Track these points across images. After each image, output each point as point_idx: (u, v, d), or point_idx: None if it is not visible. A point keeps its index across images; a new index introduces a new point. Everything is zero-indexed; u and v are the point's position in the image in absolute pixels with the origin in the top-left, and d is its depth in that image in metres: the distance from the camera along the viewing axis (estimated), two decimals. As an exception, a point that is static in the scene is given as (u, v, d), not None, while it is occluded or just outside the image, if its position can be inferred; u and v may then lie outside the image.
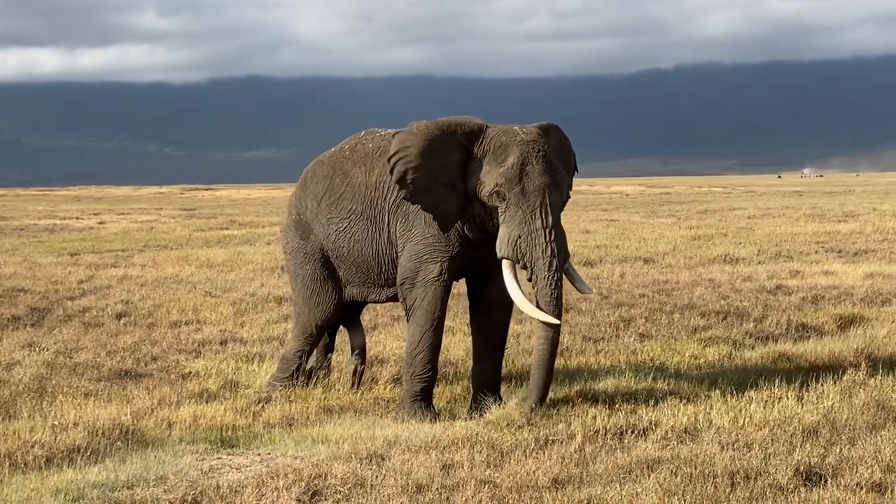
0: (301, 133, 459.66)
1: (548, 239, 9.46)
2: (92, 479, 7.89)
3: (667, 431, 8.51)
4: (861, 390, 9.64)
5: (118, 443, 8.95)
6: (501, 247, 9.62)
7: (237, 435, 9.41)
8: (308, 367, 11.10)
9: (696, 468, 7.48)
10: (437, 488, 7.32)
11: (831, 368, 11.17)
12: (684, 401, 9.58)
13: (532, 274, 9.51)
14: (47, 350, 13.04)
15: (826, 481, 7.28)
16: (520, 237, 9.52)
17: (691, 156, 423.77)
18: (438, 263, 10.02)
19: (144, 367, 12.35)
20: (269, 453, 8.81)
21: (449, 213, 9.87)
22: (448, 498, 7.18)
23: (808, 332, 13.88)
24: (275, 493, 7.31)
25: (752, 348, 12.92)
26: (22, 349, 13.17)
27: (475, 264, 10.20)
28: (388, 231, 10.33)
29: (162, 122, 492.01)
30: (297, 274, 11.03)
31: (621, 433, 8.54)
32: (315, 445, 8.95)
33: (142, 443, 9.05)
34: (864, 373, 10.37)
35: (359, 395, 10.74)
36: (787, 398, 9.42)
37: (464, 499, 7.12)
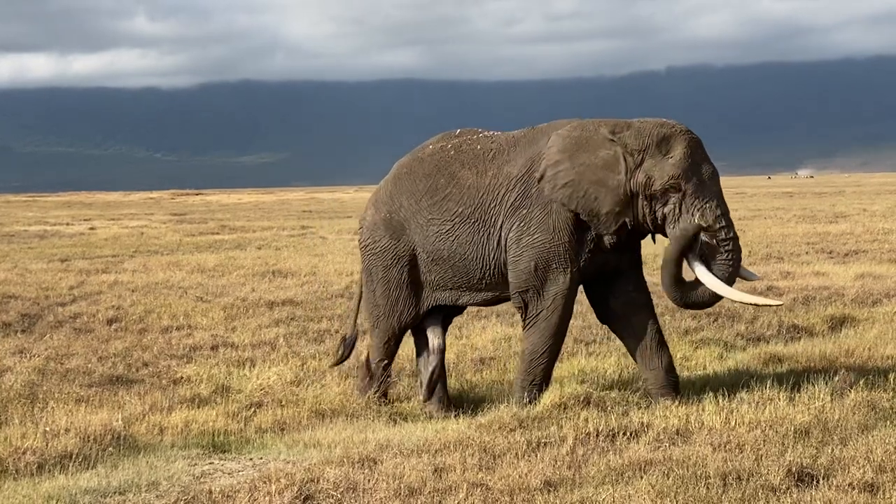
0: (292, 137, 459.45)
1: (727, 224, 9.66)
2: (84, 485, 7.88)
3: (658, 433, 8.51)
4: (852, 391, 9.64)
5: (110, 448, 8.94)
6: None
7: (229, 440, 9.41)
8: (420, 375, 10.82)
9: (688, 470, 7.48)
10: (430, 492, 7.32)
11: (822, 369, 11.18)
12: (676, 402, 9.58)
13: (714, 261, 9.62)
14: (38, 356, 13.01)
15: (818, 482, 7.29)
16: (700, 226, 9.56)
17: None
18: (567, 273, 9.84)
19: (136, 372, 12.34)
20: (261, 458, 8.81)
21: (605, 213, 9.72)
22: (440, 501, 7.18)
23: (799, 332, 13.90)
24: (267, 498, 7.30)
25: (744, 349, 12.93)
26: (13, 355, 13.15)
27: (606, 269, 10.05)
28: (500, 236, 10.05)
29: (153, 127, 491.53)
30: (383, 276, 10.55)
31: (613, 435, 8.53)
32: (307, 450, 8.95)
33: (133, 448, 9.04)
34: (856, 373, 10.37)
35: (350, 398, 10.73)
36: (779, 399, 9.43)
37: (456, 502, 7.12)
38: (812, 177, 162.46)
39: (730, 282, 9.66)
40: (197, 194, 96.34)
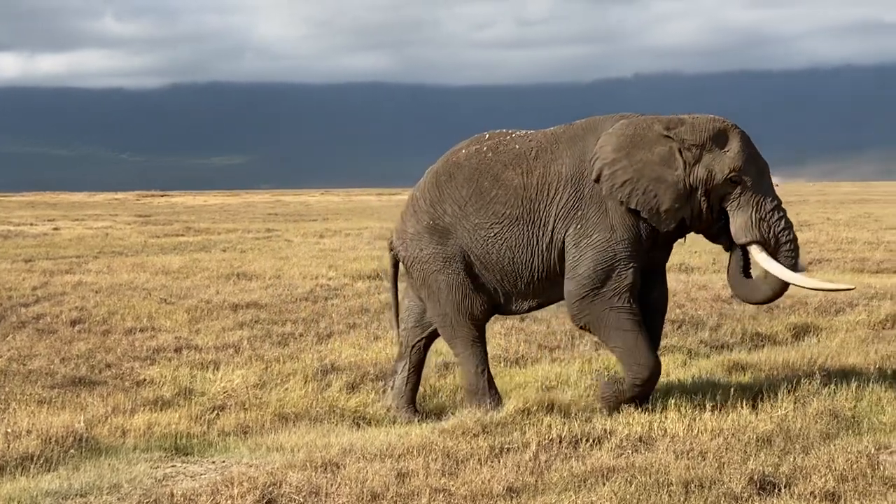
0: (260, 139, 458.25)
1: (783, 215, 9.75)
2: (45, 486, 7.83)
3: (622, 440, 8.53)
4: (815, 399, 9.69)
5: (71, 450, 8.89)
6: (746, 232, 9.67)
7: (192, 443, 9.38)
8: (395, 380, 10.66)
9: (650, 477, 7.50)
10: (392, 496, 7.31)
11: (785, 377, 11.24)
12: (639, 409, 9.60)
13: (778, 251, 9.68)
14: (0, 357, 12.93)
15: (779, 490, 7.33)
16: (762, 219, 9.64)
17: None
18: (631, 270, 9.73)
19: (98, 374, 12.28)
20: (223, 461, 8.78)
21: (665, 209, 9.69)
22: (403, 506, 7.17)
23: (762, 341, 13.96)
24: (229, 502, 7.28)
25: (707, 357, 12.97)
26: (-26, 356, 13.05)
27: (650, 266, 10.04)
28: (552, 236, 9.89)
29: (120, 127, 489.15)
30: (441, 280, 10.17)
31: (576, 442, 8.54)
32: (270, 453, 8.92)
33: (95, 450, 9.00)
34: (818, 382, 10.43)
35: (314, 402, 10.70)
36: (742, 407, 9.47)
37: (419, 507, 7.12)
38: (778, 185, 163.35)
39: (794, 270, 9.76)
40: (162, 195, 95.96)
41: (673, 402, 9.70)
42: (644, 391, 9.78)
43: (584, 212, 9.81)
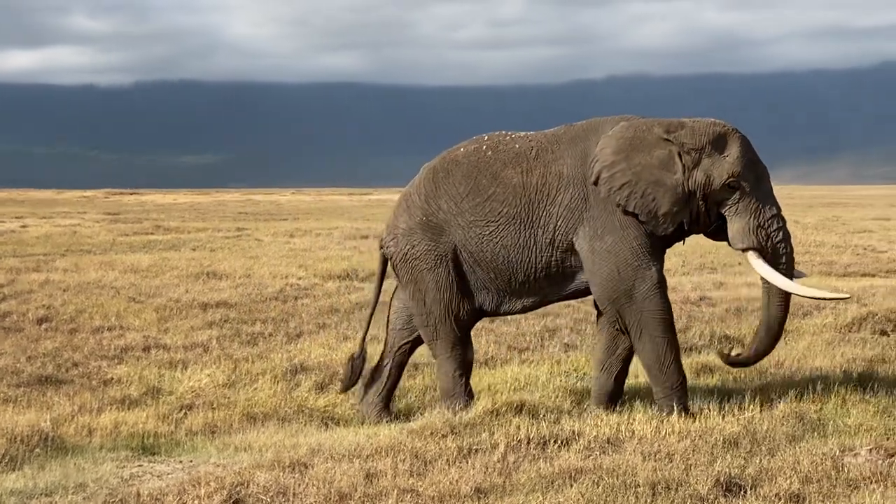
0: (233, 138, 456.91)
1: (783, 223, 9.76)
2: (10, 486, 7.80)
3: (589, 441, 8.54)
4: (781, 402, 9.74)
5: (37, 449, 8.86)
6: (743, 238, 9.66)
7: (159, 442, 9.36)
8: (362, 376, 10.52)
9: (617, 478, 7.52)
10: (360, 497, 7.31)
11: (752, 380, 11.29)
12: (607, 411, 9.63)
13: (776, 259, 9.72)
14: (-33, 355, 12.86)
15: (745, 492, 7.36)
16: (760, 226, 9.63)
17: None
18: (654, 267, 9.66)
19: (65, 373, 12.23)
20: (191, 461, 8.76)
21: (663, 213, 9.66)
22: (370, 507, 7.17)
23: (730, 343, 13.99)
24: (196, 501, 7.26)
25: (676, 359, 12.98)
26: (-59, 354, 12.99)
27: None
28: (553, 237, 9.81)
29: (90, 125, 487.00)
30: (429, 279, 10.07)
31: (544, 443, 8.55)
32: (238, 453, 8.91)
33: (61, 450, 8.96)
34: (785, 384, 10.47)
35: (282, 402, 10.69)
36: (709, 409, 9.50)
37: (386, 508, 7.12)
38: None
39: (794, 276, 9.86)
40: (132, 194, 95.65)
41: (641, 403, 9.73)
42: (675, 395, 9.66)
43: (591, 213, 9.75)
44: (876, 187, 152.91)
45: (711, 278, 20.90)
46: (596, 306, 10.09)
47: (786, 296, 9.86)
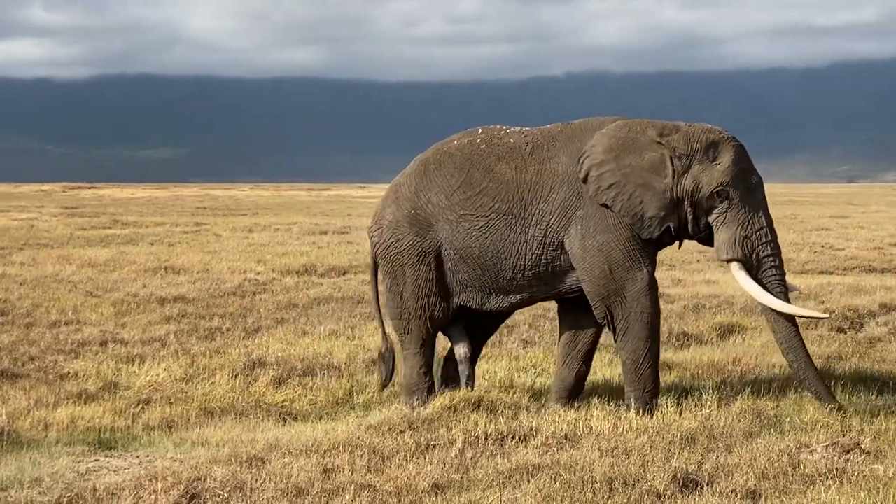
0: (191, 133, 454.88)
1: (772, 237, 9.61)
2: (-36, 480, 7.74)
3: (547, 437, 8.56)
4: (738, 398, 9.79)
5: (-8, 444, 8.79)
6: (728, 249, 9.54)
7: (116, 437, 9.32)
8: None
9: (575, 474, 7.54)
10: (317, 492, 7.30)
11: (710, 377, 11.34)
12: (565, 407, 9.65)
13: (760, 272, 9.55)
14: (-79, 348, 12.75)
15: (702, 488, 7.39)
16: (746, 237, 9.50)
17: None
18: (644, 269, 9.62)
19: (21, 367, 12.14)
20: (147, 456, 8.73)
21: (649, 217, 9.58)
22: (328, 502, 7.17)
23: (688, 340, 14.07)
24: (153, 496, 7.22)
25: (634, 355, 13.02)
26: None
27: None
28: (546, 234, 9.71)
29: (47, 118, 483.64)
30: (410, 274, 10.02)
31: (502, 439, 8.57)
32: (195, 448, 8.89)
33: (17, 444, 8.91)
34: (742, 381, 10.53)
35: (240, 397, 10.66)
36: (666, 406, 9.54)
37: (343, 503, 7.11)
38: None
39: (781, 296, 9.59)
40: (90, 188, 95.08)
41: (598, 400, 9.76)
42: (646, 398, 9.67)
43: (584, 212, 9.69)
44: (833, 186, 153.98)
45: (670, 275, 20.97)
46: (558, 302, 10.11)
47: (793, 324, 9.67)
